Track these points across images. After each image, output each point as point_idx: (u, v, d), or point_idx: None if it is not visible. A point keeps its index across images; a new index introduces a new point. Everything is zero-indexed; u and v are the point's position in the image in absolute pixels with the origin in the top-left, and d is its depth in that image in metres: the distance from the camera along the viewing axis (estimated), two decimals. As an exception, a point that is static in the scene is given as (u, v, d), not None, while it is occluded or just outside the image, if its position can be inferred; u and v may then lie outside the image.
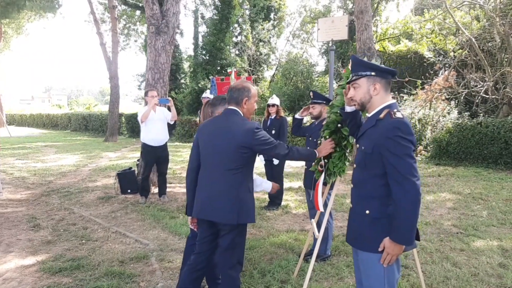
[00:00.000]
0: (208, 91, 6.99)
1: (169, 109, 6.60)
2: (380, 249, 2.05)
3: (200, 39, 22.41)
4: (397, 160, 1.97)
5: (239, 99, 2.77)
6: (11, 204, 6.80)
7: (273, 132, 6.12)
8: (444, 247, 4.52)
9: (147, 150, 6.51)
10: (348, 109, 2.56)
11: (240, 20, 22.40)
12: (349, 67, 2.61)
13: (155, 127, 6.37)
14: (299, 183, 8.14)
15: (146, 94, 6.42)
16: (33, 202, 6.94)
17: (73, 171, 10.25)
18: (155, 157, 6.56)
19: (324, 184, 3.24)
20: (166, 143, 6.62)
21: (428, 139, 11.50)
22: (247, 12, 23.18)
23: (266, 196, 6.66)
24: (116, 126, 19.93)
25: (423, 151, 11.29)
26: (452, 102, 12.20)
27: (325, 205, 3.55)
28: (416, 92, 12.98)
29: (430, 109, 12.13)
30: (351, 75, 2.28)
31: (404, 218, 1.96)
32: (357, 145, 2.28)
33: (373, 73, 2.16)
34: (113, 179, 8.04)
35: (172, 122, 6.61)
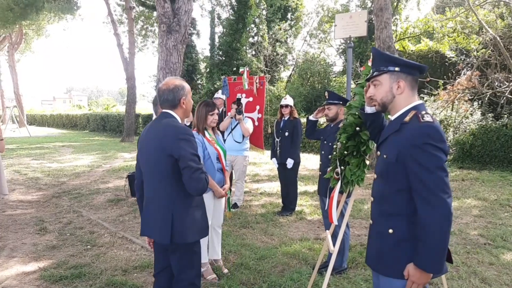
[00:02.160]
0: (220, 91, 6.74)
1: None
2: (404, 276, 1.75)
3: (217, 39, 22.27)
4: (425, 173, 1.66)
5: (176, 100, 2.41)
6: (21, 205, 6.71)
7: (286, 134, 5.85)
8: (471, 260, 4.17)
9: None
10: (368, 109, 2.22)
11: (256, 20, 22.14)
12: (369, 63, 2.31)
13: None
14: (314, 187, 7.83)
15: None
16: (43, 203, 6.83)
17: (86, 172, 10.17)
18: None
19: (341, 192, 2.96)
20: None
21: (450, 141, 11.04)
22: (264, 12, 22.91)
23: (280, 200, 6.39)
24: (132, 126, 19.96)
25: (445, 154, 10.83)
26: (475, 103, 11.71)
27: (342, 214, 3.27)
28: (438, 93, 12.51)
29: (452, 110, 11.69)
30: (371, 71, 1.97)
31: (432, 242, 1.65)
32: (378, 153, 1.97)
33: (397, 69, 1.84)
34: (124, 180, 7.89)
35: (188, 123, 6.36)
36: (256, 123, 6.41)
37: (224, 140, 5.12)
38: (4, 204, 6.65)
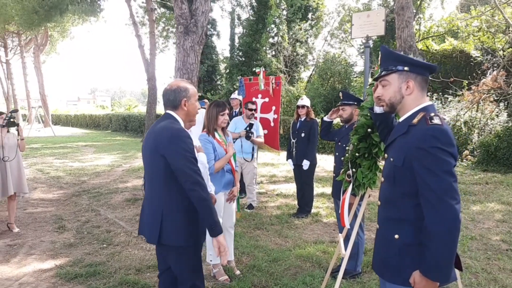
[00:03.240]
0: (236, 92, 6.73)
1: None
2: (410, 283, 1.68)
3: (236, 40, 22.31)
4: (432, 177, 1.59)
5: (177, 102, 2.38)
6: (42, 203, 6.86)
7: (303, 135, 5.79)
8: (492, 267, 4.02)
9: None
10: (378, 109, 2.16)
11: (276, 20, 22.07)
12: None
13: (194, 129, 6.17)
14: (331, 189, 7.73)
15: None
16: (63, 202, 6.98)
17: (107, 171, 10.34)
18: None
19: (354, 195, 2.89)
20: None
21: (474, 143, 10.72)
22: (284, 12, 22.82)
23: (296, 202, 6.33)
24: (153, 127, 20.16)
25: (469, 156, 10.53)
26: (501, 104, 11.35)
27: (355, 216, 3.20)
28: (462, 93, 12.18)
29: (477, 111, 11.36)
30: (379, 70, 1.91)
31: (438, 249, 1.58)
32: (385, 155, 1.90)
33: (406, 68, 1.78)
34: (142, 180, 7.98)
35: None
36: (272, 124, 6.37)
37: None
38: (26, 202, 6.83)
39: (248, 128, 5.84)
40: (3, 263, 4.22)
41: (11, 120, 5.05)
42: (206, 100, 6.37)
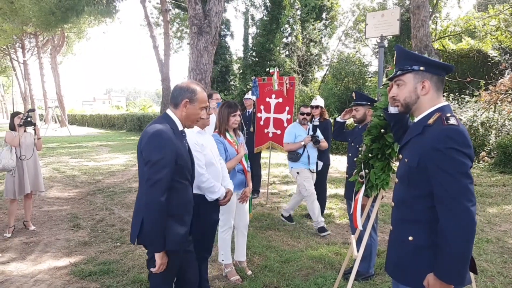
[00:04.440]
0: (250, 92, 6.72)
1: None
2: (424, 286, 1.65)
3: (250, 40, 22.33)
4: (448, 179, 1.55)
5: (179, 100, 2.33)
6: (57, 202, 6.97)
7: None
8: (508, 270, 3.94)
9: None
10: (392, 110, 2.13)
11: (290, 20, 22.03)
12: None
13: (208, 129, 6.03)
14: (345, 190, 7.67)
15: (210, 96, 6.09)
16: (78, 201, 7.07)
17: (121, 171, 10.45)
18: None
19: (366, 196, 2.86)
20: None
21: (492, 144, 10.53)
22: (298, 12, 22.75)
23: (308, 203, 6.29)
24: (167, 127, 20.32)
25: (486, 158, 10.34)
26: (520, 105, 11.10)
27: (368, 217, 3.16)
28: (479, 94, 11.96)
29: (494, 111, 11.14)
30: (394, 70, 1.88)
31: (453, 252, 1.55)
32: (400, 156, 1.88)
33: (422, 68, 1.75)
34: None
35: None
36: (286, 124, 6.34)
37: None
38: (42, 200, 6.94)
39: (313, 133, 5.41)
40: (19, 260, 4.30)
41: (28, 119, 5.14)
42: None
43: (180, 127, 2.37)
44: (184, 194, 2.35)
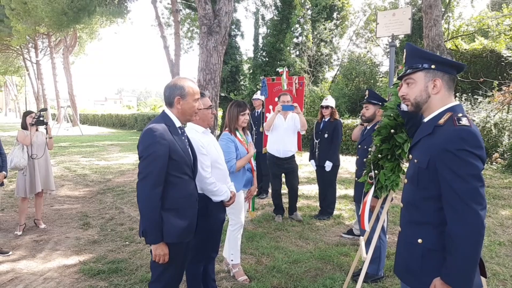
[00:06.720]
0: (258, 92, 6.71)
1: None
2: None
3: (260, 40, 22.29)
4: (458, 181, 1.51)
5: (171, 98, 2.41)
6: (68, 200, 7.03)
7: (326, 135, 5.71)
8: (522, 275, 3.86)
9: (272, 161, 5.83)
10: (405, 107, 2.08)
11: (301, 20, 21.94)
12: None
13: (280, 137, 5.64)
14: (355, 191, 7.61)
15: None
16: (88, 199, 7.13)
17: (131, 170, 10.51)
18: (282, 169, 5.82)
19: (376, 197, 2.82)
20: (293, 155, 5.79)
21: (505, 145, 10.35)
22: (309, 12, 22.65)
23: (317, 204, 6.26)
24: (176, 126, 20.40)
25: (499, 159, 10.17)
26: (534, 105, 10.92)
27: (377, 219, 3.12)
28: (492, 94, 11.79)
29: (508, 112, 10.97)
30: (404, 68, 1.84)
31: (460, 256, 1.51)
32: (410, 156, 1.84)
33: (433, 66, 1.70)
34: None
35: (303, 132, 5.92)
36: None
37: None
38: (53, 199, 7.00)
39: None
40: (29, 258, 4.34)
41: (40, 118, 5.18)
42: (296, 104, 5.63)
43: (178, 124, 2.44)
44: (184, 188, 2.40)
